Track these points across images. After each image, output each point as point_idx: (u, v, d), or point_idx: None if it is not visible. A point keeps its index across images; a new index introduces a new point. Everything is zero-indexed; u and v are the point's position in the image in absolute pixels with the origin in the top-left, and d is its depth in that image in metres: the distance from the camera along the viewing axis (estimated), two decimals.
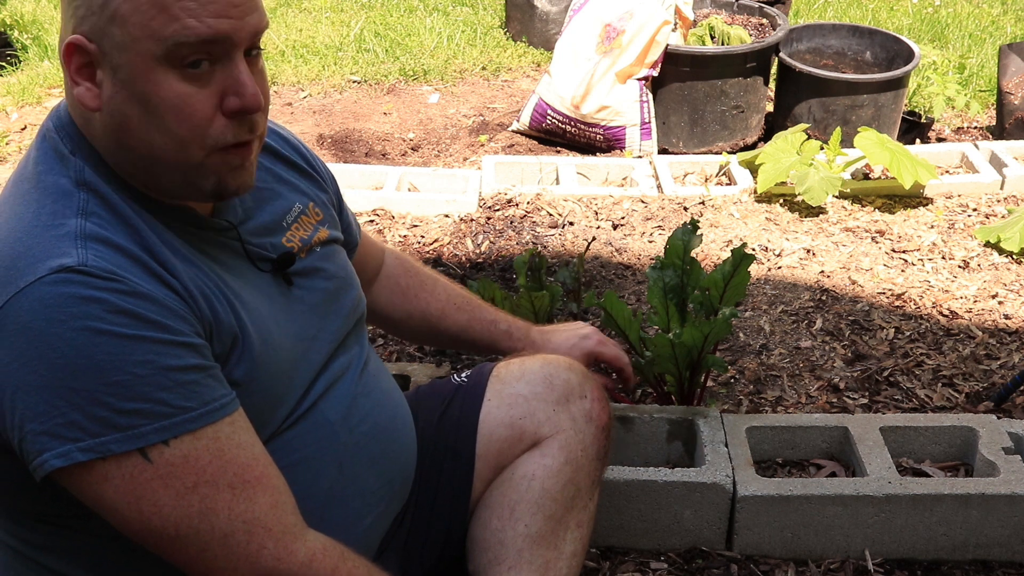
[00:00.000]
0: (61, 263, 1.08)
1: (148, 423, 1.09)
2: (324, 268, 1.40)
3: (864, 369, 2.43)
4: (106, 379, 1.07)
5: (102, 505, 1.12)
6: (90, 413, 1.07)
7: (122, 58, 1.10)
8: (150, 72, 1.11)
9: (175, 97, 1.12)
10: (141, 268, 1.13)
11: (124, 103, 1.13)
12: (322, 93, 4.40)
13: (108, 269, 1.09)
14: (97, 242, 1.11)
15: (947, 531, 1.88)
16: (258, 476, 1.17)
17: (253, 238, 1.30)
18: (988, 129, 4.11)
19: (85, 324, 1.06)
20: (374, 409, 1.42)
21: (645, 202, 3.27)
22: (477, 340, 1.77)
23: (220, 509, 1.14)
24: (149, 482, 1.10)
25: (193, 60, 1.11)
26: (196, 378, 1.13)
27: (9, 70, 4.63)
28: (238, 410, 1.18)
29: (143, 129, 1.13)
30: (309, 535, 1.21)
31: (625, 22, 3.68)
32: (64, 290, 1.07)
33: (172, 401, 1.10)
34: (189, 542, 1.14)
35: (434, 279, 1.79)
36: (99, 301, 1.07)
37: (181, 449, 1.11)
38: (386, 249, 1.77)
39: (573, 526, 1.53)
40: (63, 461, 1.08)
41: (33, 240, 1.11)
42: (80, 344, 1.06)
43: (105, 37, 1.10)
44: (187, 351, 1.12)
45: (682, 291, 2.06)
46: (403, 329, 1.79)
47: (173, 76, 1.11)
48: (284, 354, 1.28)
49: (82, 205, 1.14)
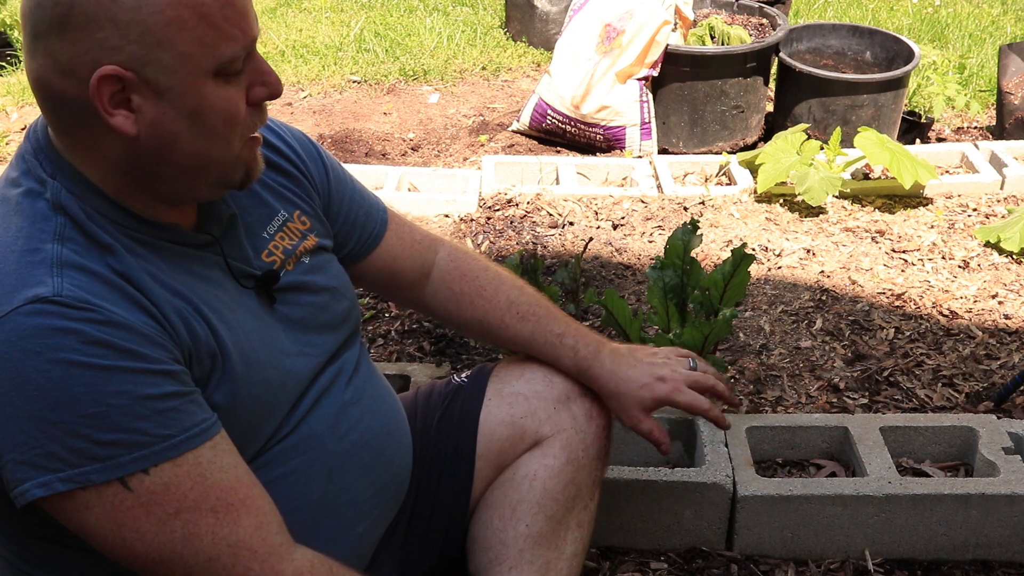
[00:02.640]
0: (36, 293, 1.07)
1: (127, 453, 1.09)
2: (311, 282, 1.37)
3: (864, 369, 2.43)
4: (83, 411, 1.06)
5: (85, 532, 1.12)
6: (68, 445, 1.07)
7: (170, 80, 1.11)
8: (200, 87, 1.12)
9: (223, 103, 1.15)
10: (117, 294, 1.12)
11: (172, 121, 1.13)
12: (322, 93, 4.40)
13: (83, 298, 1.08)
14: (73, 269, 1.10)
15: (947, 531, 1.88)
16: (241, 498, 1.16)
17: (235, 251, 1.29)
18: (988, 129, 4.11)
19: (60, 356, 1.06)
20: (364, 416, 1.41)
21: (645, 202, 3.27)
22: (539, 355, 1.59)
23: (204, 534, 1.14)
24: (130, 510, 1.10)
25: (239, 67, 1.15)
26: (175, 404, 1.12)
27: (9, 70, 4.63)
28: (220, 433, 1.17)
29: (192, 141, 1.15)
30: (296, 553, 1.20)
31: (625, 22, 3.68)
32: (39, 321, 1.06)
33: (151, 430, 1.10)
34: (174, 567, 1.14)
35: (496, 282, 1.61)
36: (74, 332, 1.07)
37: (162, 477, 1.11)
38: (441, 245, 1.63)
39: (574, 526, 1.53)
40: (44, 491, 1.08)
41: (8, 267, 1.10)
42: (56, 376, 1.06)
43: (148, 64, 1.09)
44: (164, 379, 1.11)
45: (682, 291, 2.07)
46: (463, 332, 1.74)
47: (219, 84, 1.14)
48: (268, 372, 1.26)
49: (59, 230, 1.13)
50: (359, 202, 1.53)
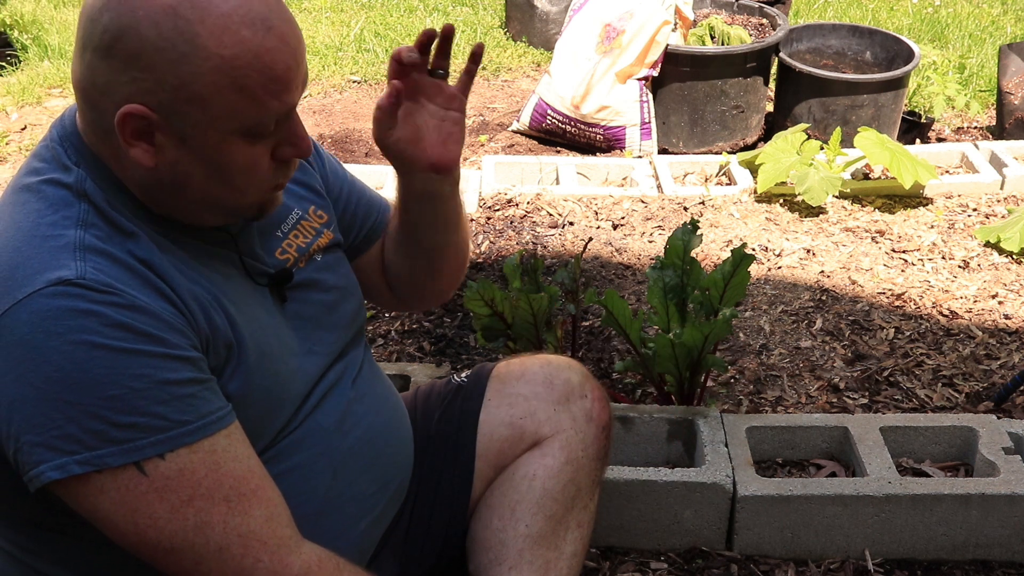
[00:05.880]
0: (59, 275, 1.08)
1: (144, 437, 1.09)
2: (322, 280, 1.38)
3: (864, 369, 2.43)
4: (103, 393, 1.07)
5: (97, 517, 1.12)
6: (86, 426, 1.07)
7: (196, 132, 1.12)
8: (224, 144, 1.14)
9: (245, 160, 1.16)
10: (139, 280, 1.13)
11: (189, 165, 1.14)
12: (322, 93, 4.40)
13: (105, 282, 1.09)
14: (96, 254, 1.11)
15: (947, 531, 1.88)
16: (253, 489, 1.17)
17: (250, 249, 1.30)
18: (988, 129, 4.11)
19: (82, 338, 1.06)
20: (368, 414, 1.42)
21: (645, 202, 3.27)
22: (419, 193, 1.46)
23: (215, 522, 1.14)
24: (145, 495, 1.10)
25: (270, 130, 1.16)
26: (193, 391, 1.12)
27: (9, 70, 4.63)
28: (234, 423, 1.18)
29: (206, 186, 1.16)
30: (304, 547, 1.21)
31: (625, 22, 3.68)
32: (61, 303, 1.07)
33: (168, 415, 1.10)
34: (184, 555, 1.14)
35: None
36: (96, 314, 1.07)
37: (177, 463, 1.11)
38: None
39: (574, 526, 1.53)
40: (60, 473, 1.08)
41: (32, 251, 1.11)
42: (77, 358, 1.06)
43: (177, 114, 1.10)
44: (184, 364, 1.12)
45: (682, 291, 2.06)
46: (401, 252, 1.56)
47: (245, 143, 1.15)
48: (280, 367, 1.27)
49: (82, 216, 1.14)
50: (357, 196, 1.54)
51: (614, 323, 2.03)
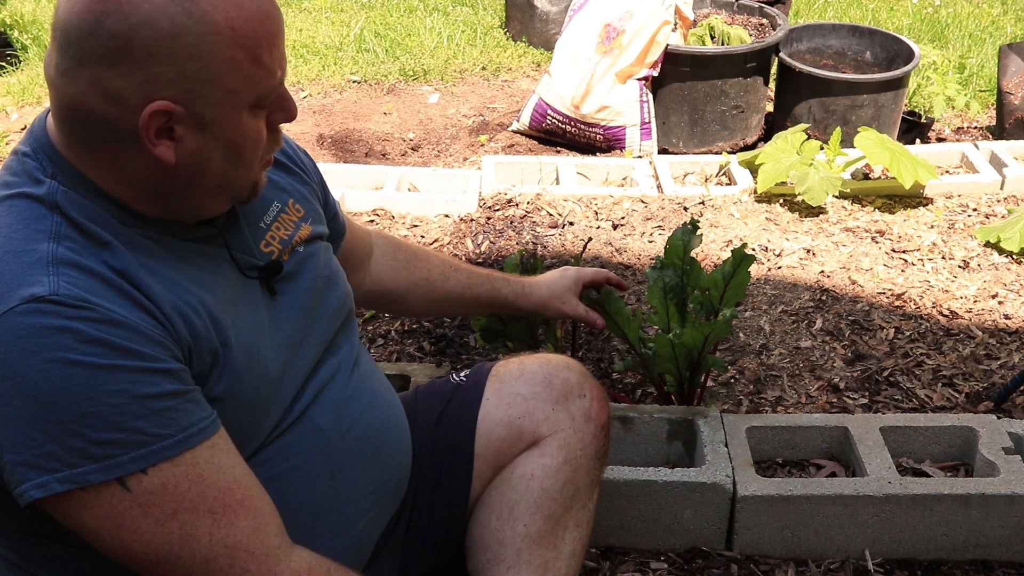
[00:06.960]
0: (32, 292, 1.07)
1: (125, 453, 1.08)
2: (306, 269, 1.39)
3: (864, 369, 2.43)
4: (80, 410, 1.06)
5: (83, 531, 1.12)
6: (66, 444, 1.06)
7: (216, 113, 1.14)
8: (238, 119, 1.16)
9: (253, 132, 1.19)
10: (115, 292, 1.12)
11: (209, 150, 1.16)
12: (322, 93, 4.40)
13: (80, 297, 1.08)
14: (69, 267, 1.10)
15: (947, 531, 1.88)
16: (239, 499, 1.16)
17: (238, 242, 1.30)
18: (988, 129, 4.11)
19: (57, 355, 1.05)
20: (365, 412, 1.41)
21: (645, 202, 3.27)
22: (481, 295, 1.85)
23: (201, 535, 1.13)
24: (128, 510, 1.10)
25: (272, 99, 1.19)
26: (173, 404, 1.12)
27: (9, 70, 4.63)
28: (219, 432, 1.17)
29: (222, 167, 1.18)
30: (294, 555, 1.20)
31: (625, 22, 3.68)
32: (36, 320, 1.06)
33: (148, 429, 1.09)
34: (171, 567, 1.14)
35: (425, 249, 1.87)
36: (71, 331, 1.06)
37: (160, 477, 1.11)
38: (371, 231, 1.80)
39: (572, 526, 1.53)
40: (41, 492, 1.07)
41: (4, 267, 1.10)
42: (53, 376, 1.05)
43: (199, 99, 1.12)
44: (163, 377, 1.11)
45: (682, 291, 2.06)
46: (409, 301, 1.81)
47: (251, 116, 1.18)
48: (270, 363, 1.27)
49: (54, 228, 1.13)
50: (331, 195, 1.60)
51: (612, 323, 2.03)
